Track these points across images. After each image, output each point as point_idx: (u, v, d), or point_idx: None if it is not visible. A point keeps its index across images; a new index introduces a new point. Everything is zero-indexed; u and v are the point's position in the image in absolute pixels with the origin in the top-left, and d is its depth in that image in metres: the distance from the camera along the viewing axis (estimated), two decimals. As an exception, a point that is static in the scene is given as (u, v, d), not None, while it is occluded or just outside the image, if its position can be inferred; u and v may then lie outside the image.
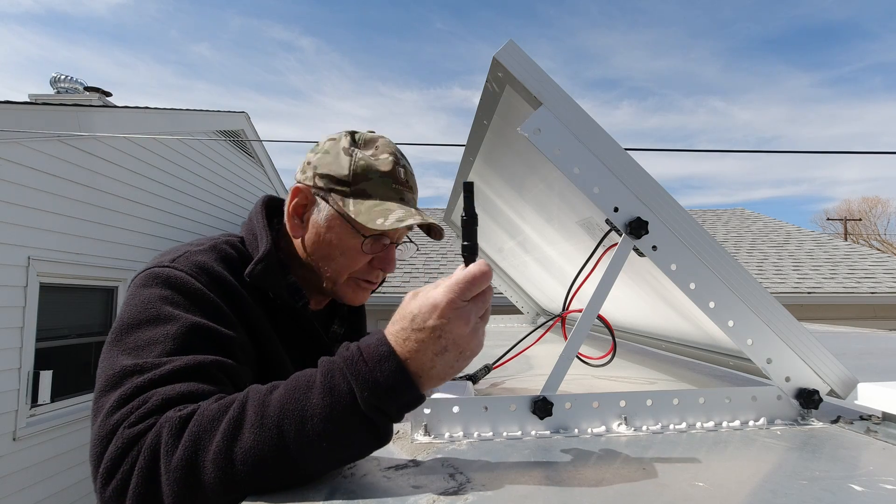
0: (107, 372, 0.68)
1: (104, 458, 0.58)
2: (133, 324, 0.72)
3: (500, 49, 0.72)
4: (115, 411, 0.62)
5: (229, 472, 0.54)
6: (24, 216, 4.33)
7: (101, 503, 0.58)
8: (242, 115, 8.03)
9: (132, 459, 0.57)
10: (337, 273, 0.92)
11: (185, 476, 0.54)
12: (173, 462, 0.55)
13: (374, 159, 0.90)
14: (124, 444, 0.58)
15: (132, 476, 0.56)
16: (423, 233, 0.94)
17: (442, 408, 0.71)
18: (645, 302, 1.20)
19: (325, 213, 0.90)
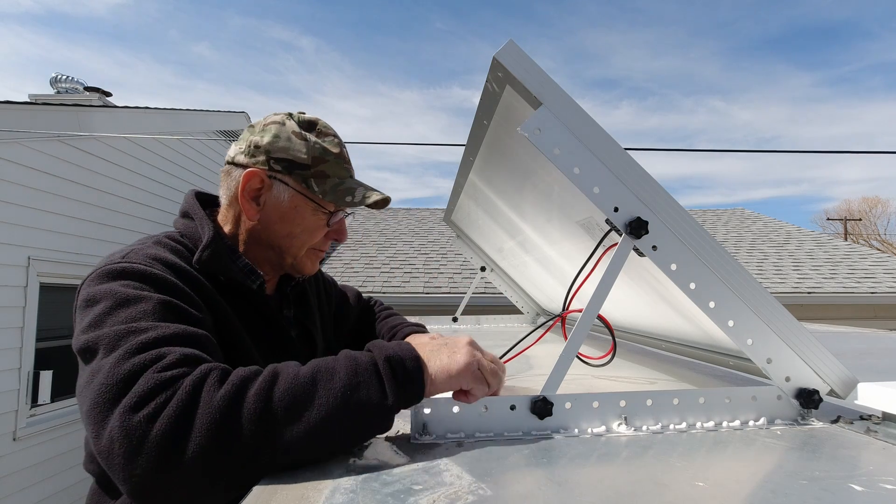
0: (96, 342, 0.67)
1: (129, 393, 0.59)
2: (105, 311, 0.70)
3: (500, 49, 0.72)
4: (127, 360, 0.63)
5: (265, 410, 0.59)
6: (24, 216, 4.33)
7: (123, 433, 0.57)
8: (242, 114, 8.03)
9: (168, 395, 0.59)
10: (299, 248, 0.98)
11: (227, 408, 0.59)
12: (217, 398, 0.59)
13: (324, 142, 0.96)
14: (158, 383, 0.60)
15: (166, 407, 0.58)
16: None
17: (442, 408, 0.71)
18: (645, 302, 1.20)
19: (287, 195, 0.94)
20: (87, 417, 0.61)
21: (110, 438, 0.58)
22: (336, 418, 0.61)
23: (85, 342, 0.68)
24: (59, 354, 4.74)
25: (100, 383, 0.62)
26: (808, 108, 72.14)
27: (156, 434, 0.57)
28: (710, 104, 78.08)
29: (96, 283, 0.75)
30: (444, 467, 0.60)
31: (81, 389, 0.65)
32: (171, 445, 0.57)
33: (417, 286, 7.08)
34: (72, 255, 4.81)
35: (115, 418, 0.58)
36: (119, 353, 0.64)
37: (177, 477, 0.57)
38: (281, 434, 0.59)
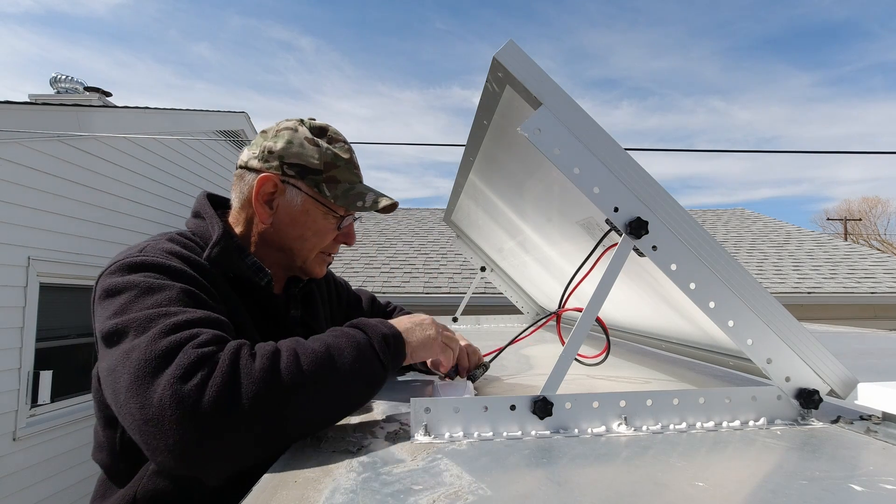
0: (126, 325, 0.70)
1: (172, 366, 0.63)
2: (131, 299, 0.74)
3: (501, 49, 0.72)
4: (163, 337, 0.67)
5: (300, 379, 0.67)
6: (24, 216, 4.33)
7: (175, 401, 0.61)
8: (242, 115, 8.03)
9: (210, 367, 0.64)
10: (309, 250, 1.02)
11: (268, 378, 0.65)
12: (255, 370, 0.65)
13: (335, 148, 1.00)
14: (198, 357, 0.65)
15: (212, 377, 0.63)
16: None
17: (442, 408, 0.71)
18: (645, 302, 1.20)
19: (300, 199, 0.98)
20: (128, 392, 0.64)
21: (161, 406, 0.61)
22: (349, 387, 0.73)
23: (113, 326, 0.71)
24: (59, 354, 4.74)
25: (138, 358, 0.65)
26: (808, 108, 72.18)
27: (207, 401, 0.61)
28: (710, 104, 78.12)
29: (117, 275, 0.78)
30: (444, 467, 0.60)
31: (114, 368, 0.67)
32: (223, 412, 0.61)
33: (417, 286, 7.08)
34: (72, 255, 4.81)
35: (165, 387, 0.62)
36: (154, 332, 0.67)
37: (225, 441, 0.62)
38: (310, 401, 0.68)
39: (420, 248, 8.92)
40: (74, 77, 6.36)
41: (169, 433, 0.60)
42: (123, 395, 0.65)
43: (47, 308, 4.57)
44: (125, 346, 0.68)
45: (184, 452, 0.61)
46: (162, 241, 0.88)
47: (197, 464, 0.62)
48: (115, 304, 0.74)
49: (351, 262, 8.10)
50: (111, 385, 0.67)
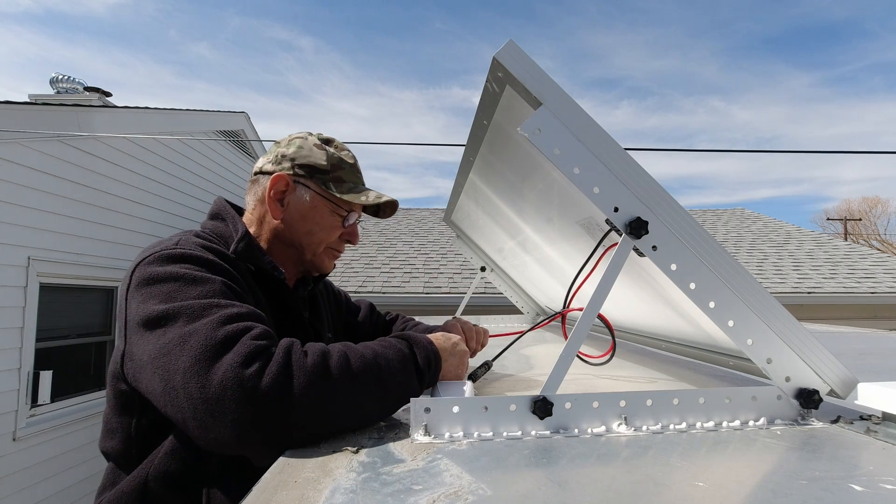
0: (177, 312, 0.75)
1: (231, 353, 0.69)
2: (176, 288, 0.79)
3: (501, 49, 0.72)
4: (220, 326, 0.72)
5: (347, 380, 0.72)
6: (24, 216, 4.33)
7: (237, 383, 0.66)
8: (242, 115, 8.03)
9: (266, 358, 0.70)
10: (317, 245, 1.10)
11: (320, 374, 0.71)
12: (308, 365, 0.71)
13: (341, 153, 1.11)
14: (256, 348, 0.70)
15: (268, 367, 0.68)
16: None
17: (442, 408, 0.71)
18: (645, 302, 1.20)
19: (308, 196, 1.07)
20: (188, 373, 0.69)
21: (222, 387, 0.66)
22: (389, 396, 0.78)
23: (162, 311, 0.75)
24: (59, 354, 4.74)
25: (199, 343, 0.70)
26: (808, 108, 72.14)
27: (265, 387, 0.67)
28: (710, 104, 78.10)
29: (156, 265, 0.83)
30: (444, 467, 0.60)
31: (167, 351, 0.72)
32: (277, 398, 0.67)
33: (417, 286, 7.08)
34: (72, 255, 4.81)
35: (227, 371, 0.67)
36: (212, 320, 0.73)
37: (276, 425, 0.67)
38: (354, 401, 0.73)
39: (420, 248, 8.92)
40: (74, 77, 6.36)
41: (228, 411, 0.66)
42: (181, 376, 0.69)
43: (47, 308, 4.57)
44: (179, 331, 0.72)
45: (239, 430, 0.66)
46: (192, 237, 0.93)
47: (249, 441, 0.67)
48: (159, 292, 0.78)
49: (351, 262, 8.10)
50: (161, 366, 0.72)
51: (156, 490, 0.82)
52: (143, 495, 0.82)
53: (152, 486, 0.82)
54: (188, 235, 0.93)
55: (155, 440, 0.84)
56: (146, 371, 0.75)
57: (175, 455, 0.82)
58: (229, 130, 7.69)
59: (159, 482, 0.82)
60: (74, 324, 5.01)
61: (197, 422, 0.68)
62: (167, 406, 0.72)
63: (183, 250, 0.86)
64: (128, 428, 0.87)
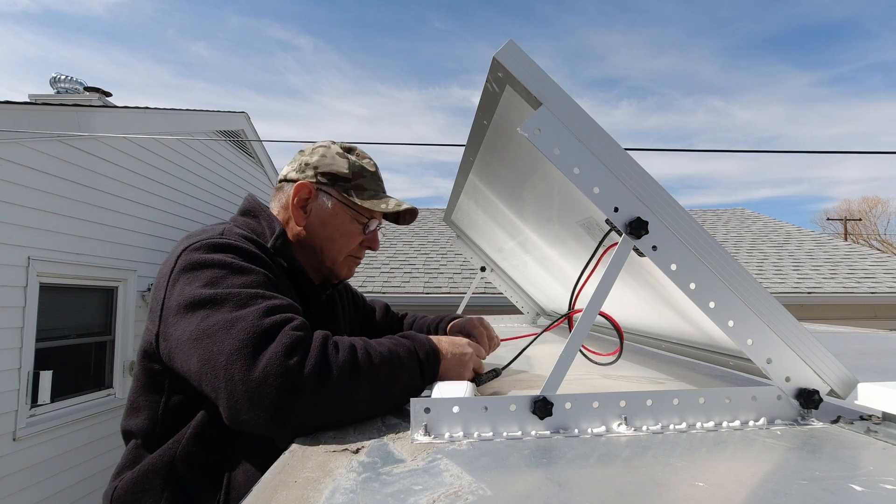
0: (224, 297, 0.79)
1: (274, 342, 0.74)
2: (222, 275, 0.83)
3: (501, 49, 0.72)
4: (265, 316, 0.77)
5: (371, 374, 0.78)
6: (24, 216, 4.33)
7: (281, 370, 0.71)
8: (242, 115, 8.03)
9: (304, 349, 0.74)
10: (338, 252, 1.13)
11: (350, 367, 0.76)
12: (340, 359, 0.76)
13: (362, 162, 1.15)
14: (296, 340, 0.75)
15: (308, 358, 0.73)
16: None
17: (442, 408, 0.71)
18: (645, 302, 1.20)
19: (330, 203, 1.11)
20: (232, 356, 0.72)
21: (266, 373, 0.71)
22: (400, 390, 0.82)
23: (209, 295, 0.79)
24: (59, 354, 4.74)
25: (245, 329, 0.74)
26: (807, 108, 72.10)
27: (307, 375, 0.72)
28: (710, 104, 78.05)
29: (202, 252, 0.87)
30: (444, 467, 0.60)
31: (213, 332, 0.76)
32: (317, 388, 0.72)
33: (417, 286, 7.08)
34: (72, 255, 4.81)
35: (271, 358, 0.72)
36: (257, 309, 0.77)
37: (310, 409, 0.72)
38: (375, 392, 0.79)
39: (420, 248, 8.92)
40: (74, 77, 6.36)
41: (268, 395, 0.70)
42: (226, 358, 0.73)
43: (47, 308, 4.57)
44: (225, 316, 0.76)
45: (277, 413, 0.71)
46: (234, 228, 0.97)
47: (282, 422, 0.71)
48: (205, 276, 0.82)
49: (351, 262, 8.10)
50: (203, 347, 0.75)
51: (181, 470, 0.86)
52: (169, 474, 0.86)
53: (178, 466, 0.86)
54: (229, 227, 0.97)
55: (181, 420, 0.88)
56: (183, 350, 0.79)
57: (202, 438, 0.87)
58: (229, 130, 7.69)
59: (185, 462, 0.86)
60: (74, 324, 5.01)
61: (233, 402, 0.72)
62: (203, 383, 0.76)
63: (228, 240, 0.90)
64: (155, 407, 0.90)
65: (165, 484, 0.86)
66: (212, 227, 0.98)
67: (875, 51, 65.31)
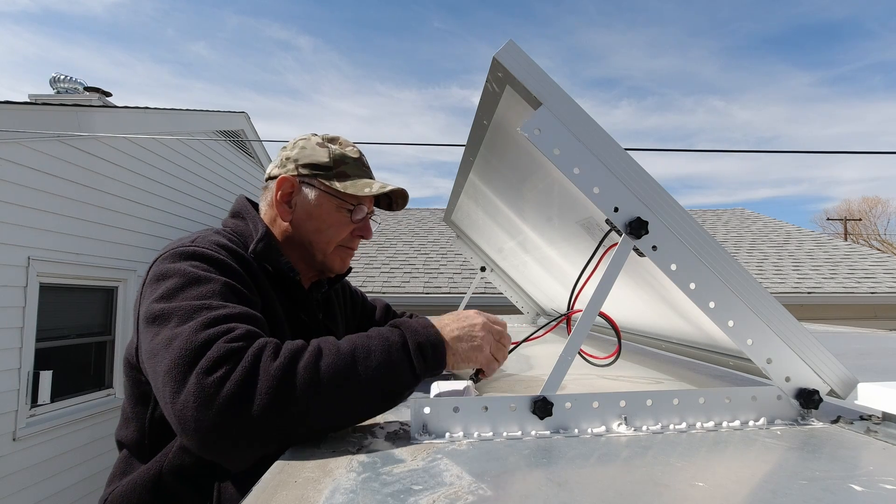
0: (171, 312, 0.76)
1: (203, 358, 0.68)
2: (178, 286, 0.80)
3: (501, 49, 0.72)
4: (202, 330, 0.72)
5: (315, 379, 0.68)
6: (24, 216, 4.33)
7: (197, 391, 0.66)
8: (242, 115, 8.03)
9: (234, 362, 0.68)
10: (327, 243, 1.10)
11: (283, 377, 0.68)
12: (273, 368, 0.68)
13: (344, 149, 1.12)
14: (227, 352, 0.69)
15: (233, 373, 0.67)
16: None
17: (442, 408, 0.71)
18: (645, 302, 1.20)
19: (313, 194, 1.08)
20: (166, 376, 0.69)
21: (187, 395, 0.66)
22: (370, 392, 0.72)
23: (159, 311, 0.77)
24: (59, 354, 4.74)
25: (179, 347, 0.70)
26: (807, 108, 72.08)
27: (224, 394, 0.66)
28: (710, 104, 78.02)
29: (168, 262, 0.85)
30: (444, 467, 0.60)
31: (157, 351, 0.73)
32: (237, 404, 0.65)
33: (417, 286, 7.08)
34: (72, 255, 4.81)
35: (192, 379, 0.67)
36: (195, 324, 0.73)
37: (238, 430, 0.66)
38: (324, 401, 0.68)
39: (420, 248, 8.92)
40: (74, 77, 6.36)
41: (191, 420, 0.66)
42: (161, 378, 0.70)
43: (47, 308, 4.57)
44: (168, 333, 0.73)
45: (202, 438, 0.66)
46: (211, 234, 0.95)
47: (214, 450, 0.67)
48: (161, 289, 0.80)
49: (351, 261, 8.10)
50: (152, 367, 0.74)
51: (169, 483, 0.84)
52: (156, 487, 0.85)
53: (166, 479, 0.85)
54: (207, 233, 0.95)
55: (168, 432, 0.86)
56: (146, 368, 0.77)
57: (189, 450, 0.84)
58: (229, 130, 7.69)
59: (173, 475, 0.84)
60: (74, 324, 5.01)
61: (174, 425, 0.69)
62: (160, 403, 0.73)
63: (195, 248, 0.87)
64: (142, 418, 0.90)
65: (154, 498, 0.85)
66: (192, 234, 0.96)
67: (875, 51, 65.33)
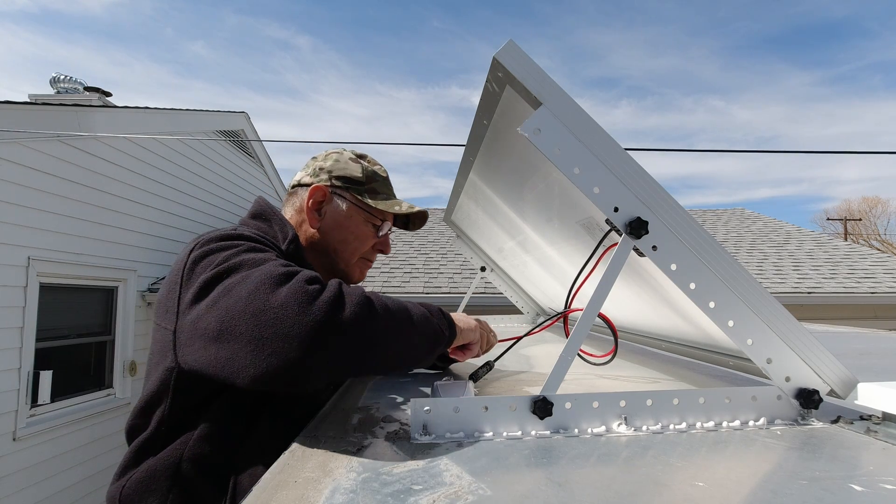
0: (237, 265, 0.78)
1: (295, 277, 0.73)
2: (235, 253, 0.82)
3: (501, 49, 0.72)
4: (281, 267, 0.76)
5: (387, 310, 0.79)
6: (24, 216, 4.33)
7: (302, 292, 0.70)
8: (242, 115, 8.03)
9: (323, 284, 0.75)
10: (351, 254, 1.16)
11: (365, 302, 0.76)
12: (356, 295, 0.76)
13: (373, 167, 1.19)
14: (314, 278, 0.75)
15: (326, 289, 0.73)
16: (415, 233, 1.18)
17: (442, 408, 0.71)
18: (645, 302, 1.20)
19: (345, 206, 1.14)
20: (250, 296, 0.70)
21: (288, 298, 0.69)
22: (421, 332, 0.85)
23: (222, 269, 0.78)
24: (59, 354, 4.74)
25: (263, 273, 0.73)
26: (807, 108, 72.03)
27: (325, 299, 0.71)
28: (710, 103, 77.98)
29: (215, 242, 0.87)
30: (444, 467, 0.60)
31: (230, 290, 0.73)
32: (335, 311, 0.71)
33: (417, 286, 7.08)
34: (72, 255, 4.81)
35: (293, 285, 0.71)
36: (274, 263, 0.77)
37: (329, 341, 0.70)
38: (394, 331, 0.79)
39: (420, 248, 8.92)
40: (74, 77, 6.36)
41: (290, 316, 0.68)
42: (244, 301, 0.70)
43: (47, 308, 4.57)
44: (241, 275, 0.75)
45: (300, 335, 0.68)
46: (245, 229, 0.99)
47: (309, 350, 0.68)
48: (218, 258, 0.81)
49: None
50: (220, 308, 0.72)
51: (188, 472, 0.85)
52: (175, 476, 0.85)
53: (185, 468, 0.85)
54: (242, 228, 0.99)
55: (185, 424, 0.88)
56: (201, 324, 0.74)
57: (209, 440, 0.86)
58: (229, 130, 7.69)
59: (192, 465, 0.85)
60: (74, 324, 5.01)
61: (255, 341, 0.68)
62: (220, 347, 0.71)
63: (241, 232, 0.92)
64: (163, 407, 0.89)
65: (171, 485, 0.85)
66: (222, 227, 0.98)
67: (875, 50, 65.32)
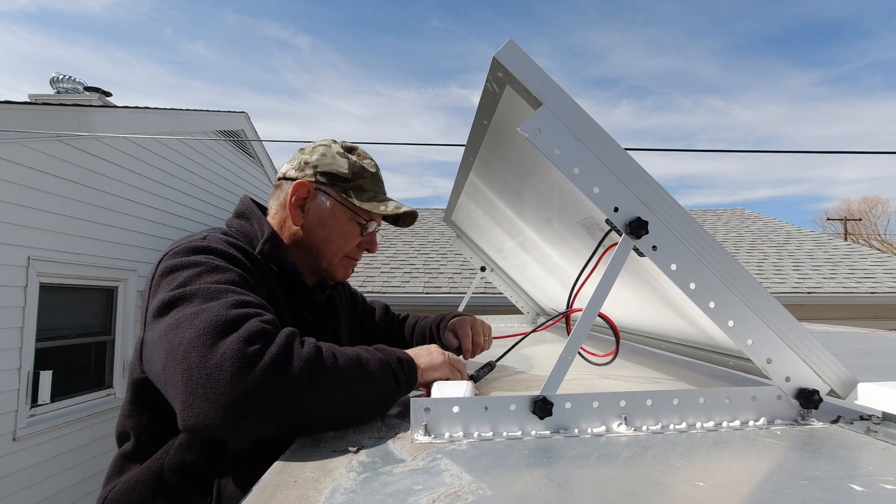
0: (193, 293, 0.77)
1: (241, 329, 0.71)
2: (196, 274, 0.81)
3: (501, 49, 0.72)
4: (232, 308, 0.74)
5: (337, 369, 0.74)
6: (24, 216, 4.33)
7: (239, 356, 0.68)
8: (242, 115, 8.03)
9: (269, 340, 0.71)
10: (334, 253, 1.11)
11: (315, 360, 0.73)
12: (304, 353, 0.73)
13: (363, 162, 1.13)
14: (262, 330, 0.72)
15: (270, 347, 0.70)
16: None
17: (442, 408, 0.71)
18: (645, 302, 1.20)
19: (329, 203, 1.09)
20: (191, 343, 0.69)
21: (223, 358, 0.67)
22: (375, 387, 0.79)
23: (180, 293, 0.77)
24: (59, 354, 4.74)
25: (209, 319, 0.71)
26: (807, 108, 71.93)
27: (264, 364, 0.68)
28: (710, 103, 77.87)
29: (181, 256, 0.86)
30: (444, 467, 0.60)
31: (176, 326, 0.73)
32: (273, 378, 0.68)
33: (417, 286, 7.08)
34: (72, 255, 4.80)
35: (230, 345, 0.68)
36: (224, 302, 0.75)
37: (266, 404, 0.68)
38: (343, 389, 0.74)
39: (420, 248, 8.92)
40: (74, 77, 6.36)
41: (223, 381, 0.66)
42: (185, 347, 0.70)
43: (47, 308, 4.57)
44: (192, 309, 0.74)
45: (231, 402, 0.66)
46: (218, 234, 0.96)
47: (235, 416, 0.67)
48: (180, 277, 0.81)
49: (351, 262, 8.09)
50: (168, 340, 0.72)
51: (170, 480, 0.85)
52: (157, 484, 0.85)
53: (167, 476, 0.85)
54: (215, 232, 0.96)
55: (166, 432, 0.87)
56: (154, 349, 0.76)
57: (191, 447, 0.85)
58: (229, 130, 7.69)
59: (174, 472, 0.85)
60: (74, 324, 5.00)
61: (188, 392, 0.67)
62: (166, 382, 0.72)
63: (206, 244, 0.89)
64: (140, 417, 0.90)
65: (155, 494, 0.85)
66: (198, 232, 0.97)
67: (875, 50, 65.25)
